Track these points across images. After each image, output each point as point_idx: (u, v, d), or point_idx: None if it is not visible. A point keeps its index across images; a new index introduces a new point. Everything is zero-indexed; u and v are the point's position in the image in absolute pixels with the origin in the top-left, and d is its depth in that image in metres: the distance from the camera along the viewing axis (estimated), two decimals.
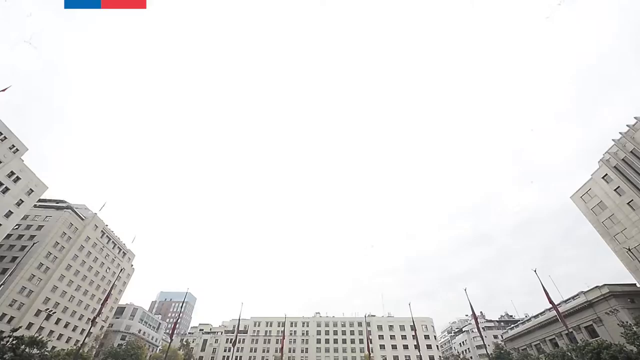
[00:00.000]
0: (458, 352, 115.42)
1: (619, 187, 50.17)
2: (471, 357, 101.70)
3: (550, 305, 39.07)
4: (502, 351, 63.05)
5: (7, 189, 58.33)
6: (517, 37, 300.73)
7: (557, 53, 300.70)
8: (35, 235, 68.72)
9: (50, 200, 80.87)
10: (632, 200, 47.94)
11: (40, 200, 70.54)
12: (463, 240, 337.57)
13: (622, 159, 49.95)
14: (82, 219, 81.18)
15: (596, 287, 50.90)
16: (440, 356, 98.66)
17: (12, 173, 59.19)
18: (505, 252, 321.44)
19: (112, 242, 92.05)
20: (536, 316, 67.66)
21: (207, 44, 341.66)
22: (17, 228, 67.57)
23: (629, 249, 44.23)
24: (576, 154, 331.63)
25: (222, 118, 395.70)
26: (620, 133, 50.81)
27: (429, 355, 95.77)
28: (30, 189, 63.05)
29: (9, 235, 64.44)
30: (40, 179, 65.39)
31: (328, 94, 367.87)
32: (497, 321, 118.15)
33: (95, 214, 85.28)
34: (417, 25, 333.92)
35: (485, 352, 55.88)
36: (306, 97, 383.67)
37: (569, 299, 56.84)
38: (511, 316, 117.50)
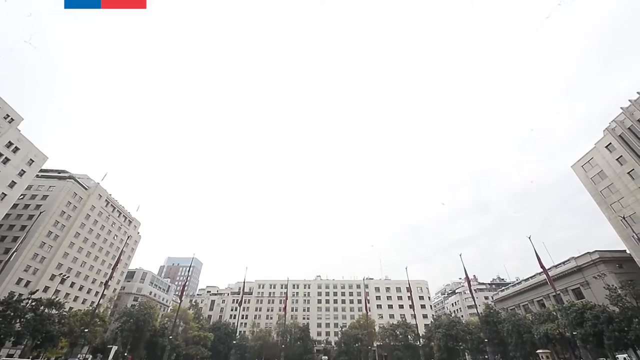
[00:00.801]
0: (450, 312, 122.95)
1: (621, 156, 49.93)
2: (462, 316, 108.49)
3: (541, 270, 40.97)
4: (491, 311, 67.06)
5: (7, 159, 58.31)
6: (523, 2, 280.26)
7: (566, 18, 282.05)
8: (41, 205, 70.12)
9: (52, 171, 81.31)
10: (632, 169, 47.98)
11: (42, 171, 70.98)
12: (462, 208, 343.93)
13: (628, 128, 49.15)
14: (86, 189, 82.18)
15: (587, 253, 52.87)
16: (433, 315, 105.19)
17: (10, 143, 58.78)
18: (503, 220, 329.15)
19: (117, 210, 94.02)
20: (526, 280, 71.13)
21: (208, 16, 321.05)
22: (22, 198, 68.88)
23: (624, 217, 45.15)
24: (582, 124, 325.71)
25: (227, 91, 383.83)
26: (629, 101, 49.45)
27: (423, 314, 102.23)
28: (31, 159, 62.99)
29: (15, 205, 65.86)
30: (39, 149, 65.05)
31: (327, 67, 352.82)
32: (489, 284, 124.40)
33: (98, 183, 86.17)
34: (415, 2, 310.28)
35: (476, 312, 59.50)
36: (307, 71, 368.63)
37: (560, 264, 59.31)
38: (503, 280, 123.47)
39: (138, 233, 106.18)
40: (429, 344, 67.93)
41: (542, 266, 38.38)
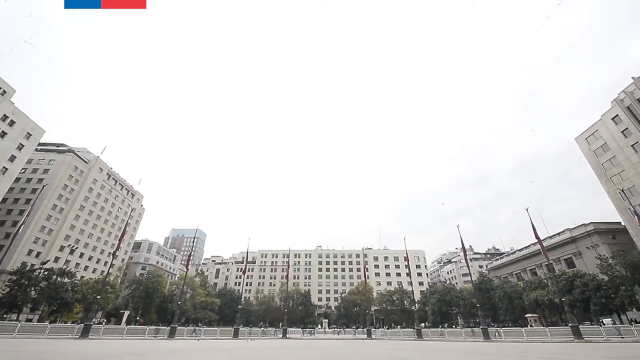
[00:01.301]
0: (445, 279, 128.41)
1: (627, 128, 49.09)
2: (456, 283, 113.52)
3: (536, 240, 42.14)
4: (484, 278, 70.07)
5: (4, 132, 57.59)
6: None
7: None
8: (43, 179, 70.52)
9: (50, 144, 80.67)
10: (637, 142, 47.44)
11: (40, 145, 70.44)
12: (461, 181, 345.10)
13: (637, 99, 47.82)
14: (86, 162, 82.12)
15: (582, 224, 53.98)
16: (428, 282, 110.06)
17: (5, 117, 57.69)
18: (502, 192, 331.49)
19: (119, 184, 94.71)
20: (521, 250, 73.41)
21: None
22: (24, 172, 69.12)
23: (622, 190, 45.40)
24: (587, 97, 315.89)
25: (229, 65, 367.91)
26: None
27: (419, 281, 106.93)
28: (28, 132, 62.21)
29: (18, 179, 66.34)
30: (36, 122, 64.05)
31: (324, 41, 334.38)
32: (484, 254, 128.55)
33: (98, 157, 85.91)
34: None
35: (470, 280, 62.13)
36: (310, 35, 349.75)
37: (555, 234, 60.82)
38: (498, 250, 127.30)
39: (142, 206, 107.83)
40: (423, 308, 71.79)
41: (537, 237, 39.31)
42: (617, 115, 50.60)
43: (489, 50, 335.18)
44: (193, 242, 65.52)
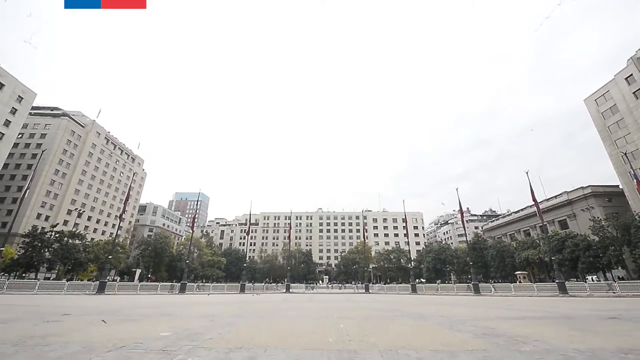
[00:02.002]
0: (441, 240, 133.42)
1: (639, 89, 47.30)
2: (452, 244, 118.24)
3: (533, 203, 42.93)
4: (479, 239, 72.81)
5: None
6: None
7: None
8: (41, 144, 70.01)
9: (44, 108, 78.63)
10: None
11: (34, 109, 68.76)
12: (463, 144, 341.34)
13: None
14: (83, 126, 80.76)
15: (580, 187, 54.56)
16: (425, 242, 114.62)
17: None
18: (503, 155, 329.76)
19: (119, 148, 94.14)
20: (517, 212, 75.16)
21: None
22: (21, 137, 68.48)
23: (625, 154, 45.06)
24: (603, 57, 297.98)
25: (231, 28, 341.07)
26: None
27: (416, 242, 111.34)
28: (19, 95, 60.31)
29: (16, 145, 65.99)
30: (26, 84, 61.76)
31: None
32: (480, 215, 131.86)
33: (94, 120, 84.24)
34: None
35: (465, 240, 64.60)
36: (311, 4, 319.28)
37: (552, 197, 61.78)
38: (494, 212, 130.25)
39: (143, 170, 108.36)
40: (419, 266, 75.68)
41: (534, 198, 39.94)
42: (631, 74, 48.42)
43: (498, 5, 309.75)
44: (196, 204, 66.99)
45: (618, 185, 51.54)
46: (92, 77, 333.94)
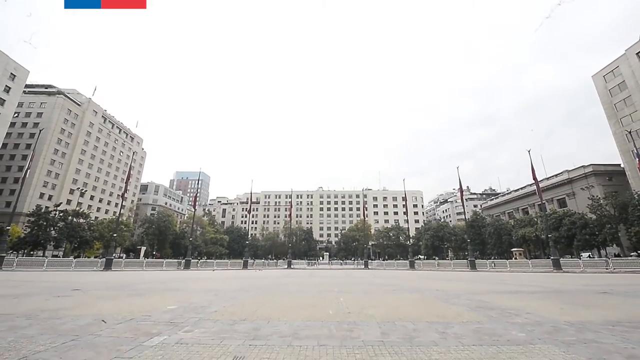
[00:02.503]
0: (440, 218, 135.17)
1: None
2: (450, 222, 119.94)
3: (533, 181, 43.05)
4: (478, 216, 73.76)
5: None
6: None
7: None
8: (38, 123, 69.24)
9: (38, 86, 76.90)
10: None
11: (27, 87, 67.33)
12: (465, 121, 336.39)
13: None
14: (79, 105, 79.41)
15: (581, 166, 54.43)
16: (424, 220, 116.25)
17: None
18: (506, 133, 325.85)
19: (117, 127, 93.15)
20: (516, 190, 75.52)
21: None
22: (17, 116, 67.61)
23: (629, 132, 44.49)
24: (613, 31, 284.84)
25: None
26: None
27: (415, 220, 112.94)
28: (11, 73, 58.81)
29: (13, 124, 65.41)
30: (17, 61, 60.01)
31: None
32: (480, 194, 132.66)
33: (90, 98, 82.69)
34: None
35: (464, 218, 65.48)
36: None
37: (552, 176, 61.80)
38: (494, 190, 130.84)
39: (143, 149, 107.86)
40: (417, 243, 77.28)
41: (534, 177, 39.99)
42: None
43: None
44: (197, 183, 67.16)
45: (619, 164, 51.37)
46: (84, 54, 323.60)
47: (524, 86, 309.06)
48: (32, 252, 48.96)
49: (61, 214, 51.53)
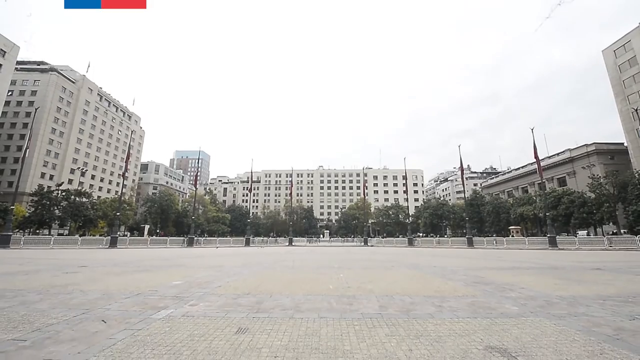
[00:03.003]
0: (440, 197, 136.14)
1: None
2: (450, 200, 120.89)
3: (534, 160, 42.87)
4: (477, 195, 74.27)
5: None
6: None
7: None
8: (33, 102, 68.02)
9: (30, 63, 74.73)
10: None
11: (19, 63, 65.44)
12: (469, 99, 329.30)
13: None
14: (73, 82, 77.57)
15: (584, 144, 53.95)
16: (423, 199, 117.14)
17: None
18: (510, 112, 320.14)
19: (113, 105, 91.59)
20: (517, 169, 75.42)
21: None
22: (11, 94, 66.37)
23: (636, 110, 43.64)
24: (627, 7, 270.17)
25: None
26: None
27: (415, 198, 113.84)
28: (1, 49, 56.91)
29: (8, 103, 64.37)
30: (7, 37, 57.97)
31: None
32: (480, 172, 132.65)
33: (84, 75, 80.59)
34: None
35: (464, 197, 65.96)
36: None
37: (554, 155, 61.44)
38: (495, 169, 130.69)
39: (141, 128, 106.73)
40: (416, 221, 78.38)
41: (536, 155, 39.80)
42: None
43: None
44: (198, 162, 67.14)
45: (622, 143, 50.88)
46: (74, 28, 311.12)
47: (531, 64, 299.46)
48: (38, 231, 49.89)
49: (64, 194, 51.94)
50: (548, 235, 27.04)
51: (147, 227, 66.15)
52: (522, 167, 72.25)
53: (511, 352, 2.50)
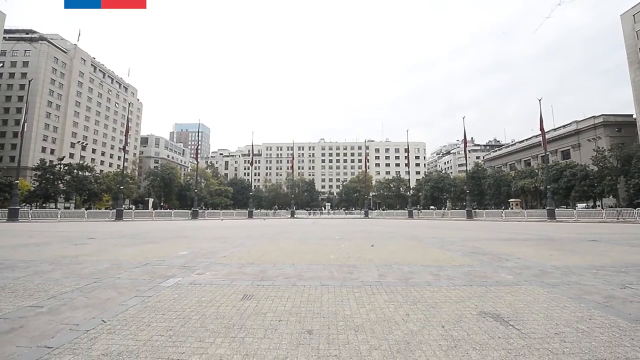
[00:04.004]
0: (442, 169, 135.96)
1: None
2: (451, 173, 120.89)
3: (540, 132, 42.09)
4: (479, 168, 74.14)
5: None
6: None
7: None
8: (26, 73, 66.12)
9: (18, 31, 71.51)
10: None
11: (7, 32, 62.70)
12: (476, 67, 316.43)
13: None
14: (65, 52, 74.82)
15: (592, 116, 52.72)
16: (425, 172, 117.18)
17: None
18: (518, 80, 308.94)
19: (109, 76, 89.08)
20: (521, 141, 74.46)
21: None
22: (2, 66, 64.43)
23: None
24: None
25: None
26: None
27: (416, 171, 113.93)
28: None
29: (0, 75, 62.71)
30: None
31: None
32: (484, 145, 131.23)
33: (76, 45, 77.53)
34: None
35: (466, 169, 65.90)
36: None
37: (560, 127, 60.30)
38: (498, 142, 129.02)
39: (138, 100, 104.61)
40: (417, 194, 79.07)
41: (541, 127, 39.02)
42: None
43: None
44: (198, 136, 66.55)
45: (632, 115, 49.63)
46: None
47: (544, 28, 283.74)
48: (44, 205, 50.83)
49: (66, 168, 52.23)
50: (547, 207, 27.31)
51: (151, 200, 67.21)
52: (527, 139, 71.27)
53: (504, 317, 2.62)
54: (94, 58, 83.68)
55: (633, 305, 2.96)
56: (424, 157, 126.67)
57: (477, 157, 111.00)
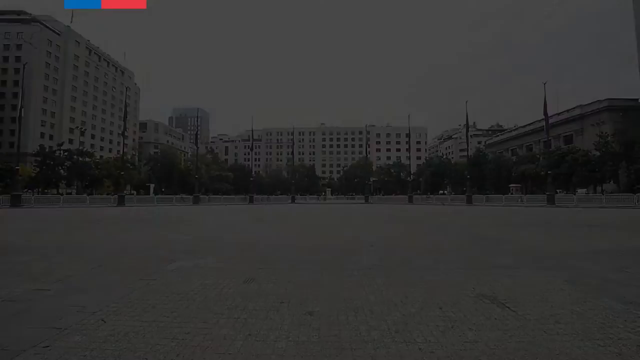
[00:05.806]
0: (443, 154, 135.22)
1: None
2: (452, 158, 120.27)
3: (543, 117, 41.46)
4: (480, 153, 73.70)
5: None
6: None
7: None
8: (20, 57, 64.67)
9: (7, 12, 69.26)
10: None
11: None
12: (481, 50, 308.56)
13: None
14: (58, 34, 72.85)
15: (596, 100, 51.84)
16: (426, 157, 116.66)
17: None
18: (524, 64, 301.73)
19: (104, 60, 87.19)
20: (524, 126, 73.63)
21: None
22: None
23: None
24: None
25: None
26: None
27: (417, 156, 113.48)
28: None
29: None
30: None
31: None
32: (486, 130, 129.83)
33: (69, 26, 75.31)
34: None
35: (467, 155, 65.46)
36: None
37: (564, 111, 59.40)
38: (501, 126, 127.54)
39: (135, 84, 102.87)
40: (418, 179, 79.06)
41: (545, 111, 38.40)
42: None
43: None
44: (197, 121, 65.87)
45: (637, 99, 48.78)
46: None
47: (552, 9, 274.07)
48: (46, 191, 51.03)
49: (66, 153, 52.07)
50: (547, 193, 27.36)
51: (152, 186, 67.38)
52: (530, 124, 70.40)
53: (501, 299, 2.68)
54: (89, 41, 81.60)
55: (627, 288, 3.02)
56: (425, 142, 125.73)
57: (479, 142, 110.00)
